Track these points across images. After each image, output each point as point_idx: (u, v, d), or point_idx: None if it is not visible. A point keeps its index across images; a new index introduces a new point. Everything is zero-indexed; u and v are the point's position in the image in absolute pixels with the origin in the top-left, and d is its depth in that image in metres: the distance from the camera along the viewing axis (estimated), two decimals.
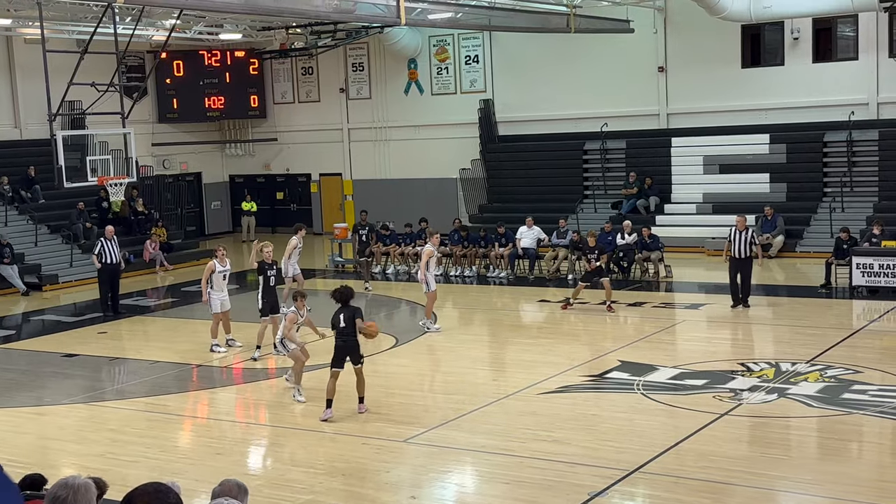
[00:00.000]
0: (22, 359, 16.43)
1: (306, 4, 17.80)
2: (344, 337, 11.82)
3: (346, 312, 11.82)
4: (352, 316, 11.80)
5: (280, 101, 32.17)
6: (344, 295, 11.91)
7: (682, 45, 25.58)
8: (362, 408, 11.97)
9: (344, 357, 11.87)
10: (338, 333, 11.83)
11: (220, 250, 16.31)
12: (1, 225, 24.15)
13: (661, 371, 13.31)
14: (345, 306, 11.86)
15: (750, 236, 17.36)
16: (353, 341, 11.86)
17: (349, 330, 11.78)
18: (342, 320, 11.77)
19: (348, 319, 11.77)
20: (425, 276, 16.50)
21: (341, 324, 11.77)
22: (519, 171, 27.48)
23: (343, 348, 11.85)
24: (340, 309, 11.86)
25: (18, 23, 23.95)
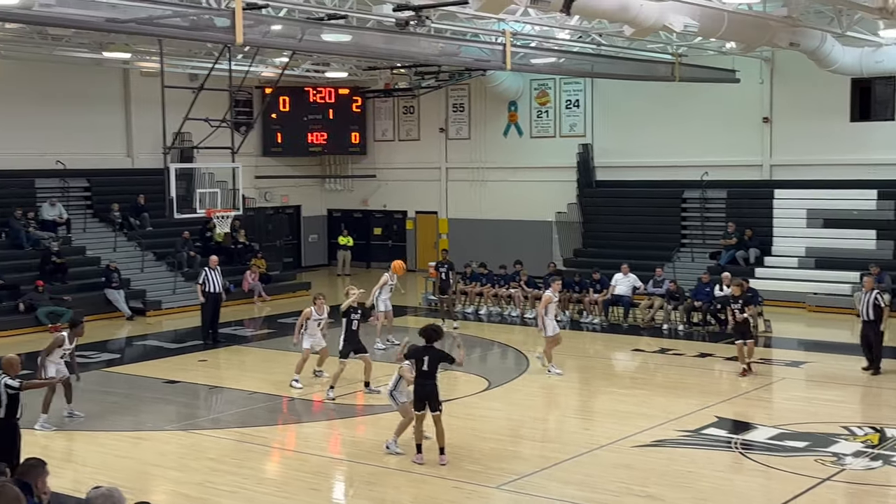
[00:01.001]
0: (124, 383, 16.90)
1: (414, 48, 18.09)
2: (424, 380, 11.53)
3: (432, 355, 11.53)
4: (437, 359, 11.53)
5: (380, 138, 32.71)
6: (432, 334, 11.68)
7: (788, 96, 25.22)
8: (443, 459, 11.60)
9: (424, 400, 11.58)
10: (419, 375, 11.56)
11: (320, 300, 16.20)
12: (109, 250, 25.02)
13: (760, 430, 13.03)
14: (430, 347, 11.61)
15: (874, 297, 16.70)
16: (433, 386, 11.57)
17: (432, 373, 11.52)
18: (426, 363, 11.51)
19: (432, 363, 11.50)
20: (543, 321, 16.61)
21: (424, 366, 11.51)
22: (615, 216, 27.35)
23: (422, 392, 11.56)
24: (426, 349, 11.58)
25: (136, 57, 24.91)
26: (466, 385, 16.30)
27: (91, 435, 13.54)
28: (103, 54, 23.59)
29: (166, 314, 23.74)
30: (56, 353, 13.63)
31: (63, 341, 13.66)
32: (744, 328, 16.61)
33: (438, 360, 11.59)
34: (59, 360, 13.69)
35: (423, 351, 11.62)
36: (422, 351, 11.62)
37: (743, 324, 16.60)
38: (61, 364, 13.74)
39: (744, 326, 16.61)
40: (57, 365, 13.66)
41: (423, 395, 11.59)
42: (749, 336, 16.63)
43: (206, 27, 14.94)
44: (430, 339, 11.67)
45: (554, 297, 17.10)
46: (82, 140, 26.58)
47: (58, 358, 13.66)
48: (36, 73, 25.39)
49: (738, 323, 16.61)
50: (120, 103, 27.94)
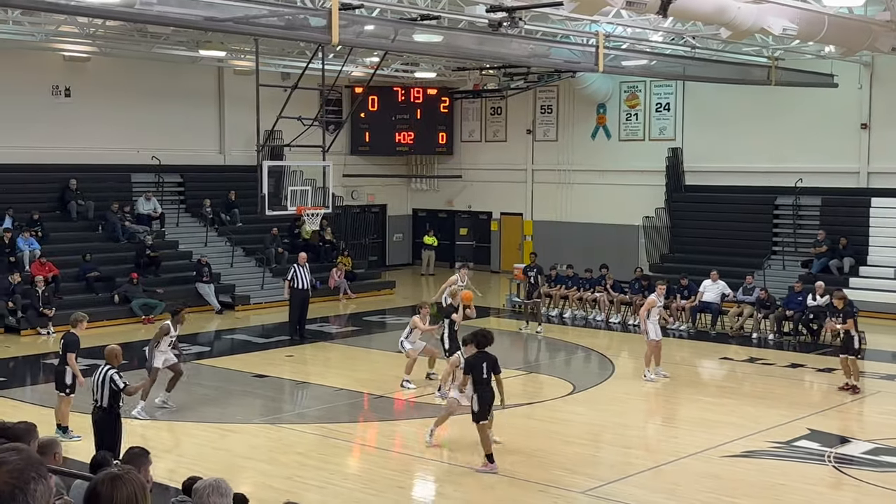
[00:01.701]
0: (213, 375, 17.23)
1: (505, 49, 18.02)
2: (486, 387, 11.31)
3: (489, 361, 11.35)
4: (493, 365, 11.38)
5: (467, 139, 32.75)
6: (485, 340, 11.51)
7: (888, 102, 24.49)
8: (493, 468, 11.31)
9: (489, 408, 11.36)
10: (480, 383, 11.26)
11: (426, 309, 15.92)
12: (201, 245, 25.56)
13: (855, 444, 12.71)
14: (485, 353, 11.41)
15: None
16: (492, 392, 11.44)
17: (489, 379, 11.32)
18: (485, 370, 11.29)
19: (490, 369, 11.33)
20: (646, 324, 16.59)
21: (484, 374, 11.28)
22: (704, 222, 26.92)
23: (489, 399, 11.34)
24: (483, 356, 11.36)
25: (231, 55, 25.39)
26: (551, 388, 16.24)
27: (182, 426, 13.85)
28: (199, 52, 24.09)
29: (254, 309, 24.14)
30: (164, 341, 14.10)
31: (169, 329, 14.17)
32: (847, 342, 15.90)
33: (494, 366, 11.41)
34: (166, 348, 14.17)
35: (480, 358, 11.40)
36: (478, 358, 11.41)
37: (846, 338, 15.90)
38: (168, 353, 14.22)
39: (847, 341, 15.90)
40: (164, 354, 14.13)
41: (489, 402, 11.41)
42: (852, 351, 15.83)
43: (301, 27, 15.15)
44: (483, 346, 11.52)
45: (659, 300, 16.98)
46: (177, 136, 27.20)
47: (165, 346, 14.14)
48: (133, 70, 26.07)
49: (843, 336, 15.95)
50: (214, 101, 28.52)
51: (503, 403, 11.72)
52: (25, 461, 2.54)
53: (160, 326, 14.51)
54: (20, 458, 2.55)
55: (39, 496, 2.52)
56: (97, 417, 10.77)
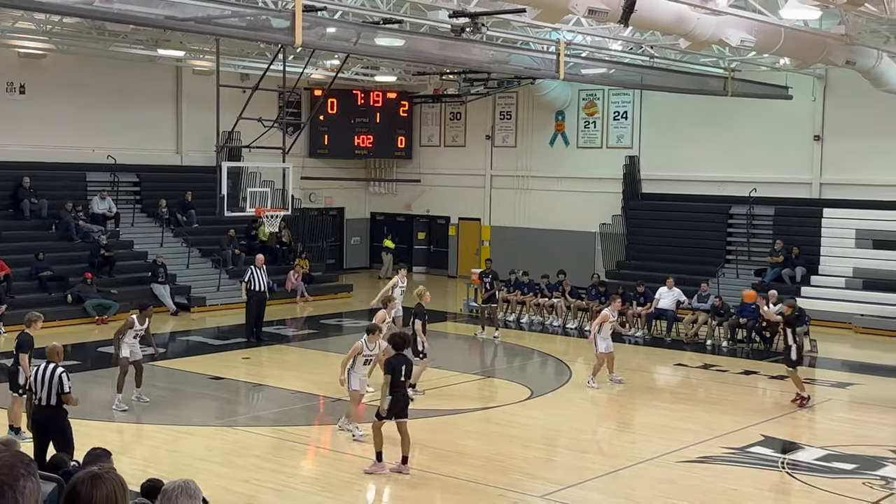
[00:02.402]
0: (168, 377, 17.06)
1: (467, 54, 18.11)
2: (402, 390, 11.37)
3: (408, 364, 11.44)
4: (411, 367, 11.51)
5: (426, 143, 32.79)
6: (403, 342, 11.62)
7: (841, 114, 24.95)
8: (406, 469, 11.39)
9: (405, 408, 11.42)
10: (398, 385, 11.30)
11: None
12: (157, 246, 25.30)
13: (807, 450, 12.90)
14: (402, 355, 11.49)
15: None
16: (406, 396, 11.51)
17: (405, 382, 11.42)
18: (403, 372, 11.35)
19: (408, 372, 11.43)
20: (595, 337, 16.54)
21: (402, 376, 11.35)
22: (660, 229, 27.19)
23: (403, 400, 11.41)
24: (403, 358, 11.45)
25: (189, 55, 25.19)
26: (508, 393, 16.31)
27: (136, 427, 13.72)
28: (158, 52, 23.87)
29: (210, 311, 23.95)
30: (128, 334, 14.33)
31: (133, 323, 14.36)
32: (785, 353, 15.76)
33: (411, 368, 11.61)
34: (132, 340, 14.39)
35: (399, 360, 11.43)
36: (398, 359, 11.43)
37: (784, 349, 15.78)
38: (135, 345, 14.48)
39: (785, 352, 15.76)
40: (131, 346, 14.37)
41: (404, 404, 11.46)
42: (788, 362, 15.57)
43: (263, 27, 15.09)
44: (402, 348, 11.59)
45: (612, 315, 16.93)
46: (133, 136, 26.91)
47: (130, 339, 14.36)
48: (90, 68, 25.74)
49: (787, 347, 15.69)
50: (172, 100, 28.26)
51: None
52: (14, 457, 2.51)
53: (126, 320, 14.67)
54: (9, 454, 2.52)
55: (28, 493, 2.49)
56: (40, 417, 10.47)
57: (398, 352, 11.55)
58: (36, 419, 10.55)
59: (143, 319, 14.46)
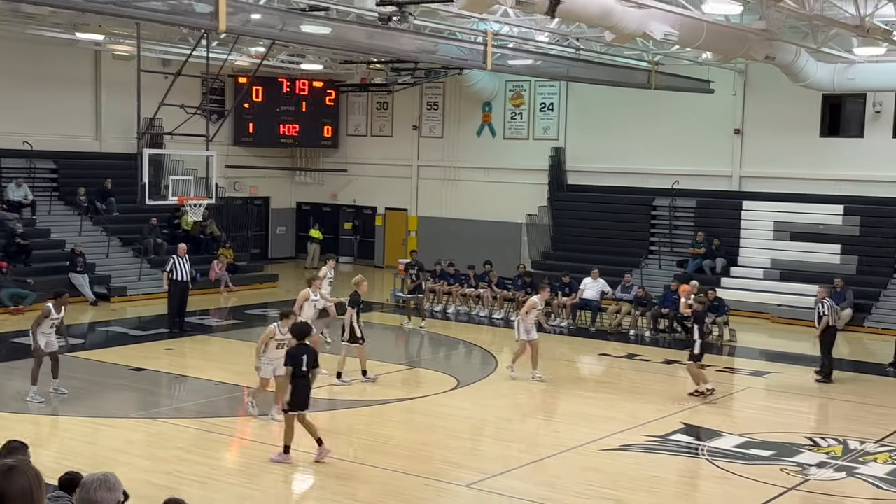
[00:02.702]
0: (87, 368, 16.68)
1: (394, 43, 18.02)
2: (303, 380, 11.28)
3: (310, 354, 11.33)
4: (314, 359, 11.38)
5: (353, 133, 32.59)
6: (301, 331, 11.58)
7: (760, 109, 25.50)
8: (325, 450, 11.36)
9: (306, 401, 11.31)
10: (299, 376, 11.20)
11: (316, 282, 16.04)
12: (75, 234, 24.69)
13: (726, 438, 13.15)
14: (304, 345, 11.41)
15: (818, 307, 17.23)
16: (309, 385, 11.44)
17: (308, 372, 11.30)
18: (304, 363, 11.25)
19: (310, 362, 11.29)
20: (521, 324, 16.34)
21: (303, 367, 11.25)
22: (585, 221, 27.48)
23: (307, 390, 11.32)
24: (304, 348, 11.36)
25: (109, 39, 24.59)
26: (434, 384, 16.31)
27: (54, 420, 13.40)
28: (76, 35, 23.25)
29: (131, 301, 23.48)
30: (45, 324, 13.94)
31: (49, 312, 13.97)
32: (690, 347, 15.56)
33: (316, 359, 11.46)
34: (48, 330, 14.01)
35: (300, 350, 11.37)
36: (298, 350, 11.37)
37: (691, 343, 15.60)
38: (51, 336, 14.09)
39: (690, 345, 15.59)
40: (47, 336, 13.99)
41: (306, 395, 11.36)
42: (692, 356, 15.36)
43: (186, 12, 14.79)
44: (302, 337, 11.54)
45: (540, 304, 16.78)
46: (50, 121, 26.20)
47: (47, 328, 13.99)
48: (5, 52, 24.95)
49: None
50: (90, 86, 27.57)
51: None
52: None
53: (42, 309, 14.29)
54: None
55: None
56: None
57: (299, 342, 11.47)
58: None
59: (59, 307, 14.11)
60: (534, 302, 16.71)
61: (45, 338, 13.98)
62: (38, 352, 13.89)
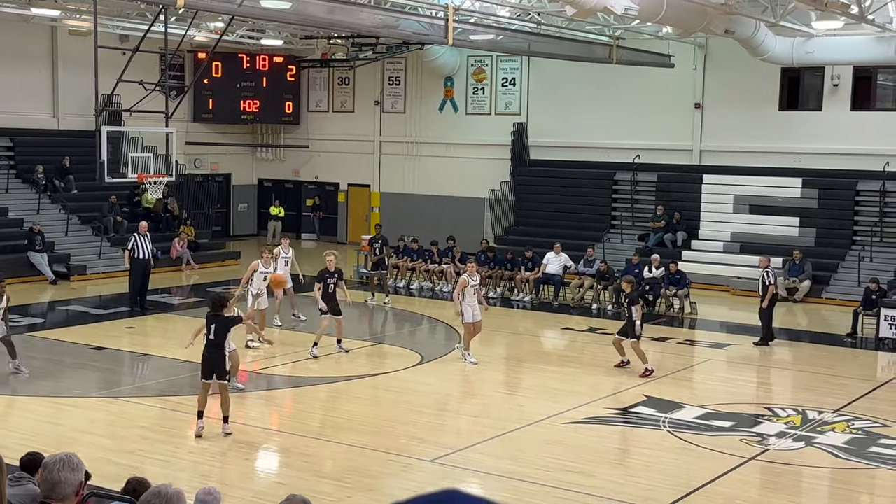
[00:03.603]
0: (47, 348, 16.55)
1: (355, 18, 17.92)
2: (211, 349, 11.55)
3: (218, 323, 11.55)
4: (223, 326, 11.57)
5: (314, 108, 32.38)
6: (217, 302, 11.77)
7: (720, 83, 25.66)
8: (226, 428, 11.52)
9: (211, 370, 11.58)
10: (207, 344, 11.58)
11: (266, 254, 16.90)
12: (33, 213, 24.38)
13: (687, 409, 13.32)
14: (216, 315, 11.61)
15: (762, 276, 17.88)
16: (220, 354, 11.62)
17: (218, 342, 11.54)
18: (213, 331, 11.53)
19: (219, 330, 11.54)
20: (459, 305, 15.90)
21: (211, 335, 11.54)
22: (548, 196, 27.54)
23: (209, 360, 11.58)
24: (212, 317, 11.59)
25: (65, 14, 24.20)
26: (398, 359, 16.34)
27: (16, 399, 13.28)
28: (31, 10, 22.85)
29: (91, 279, 23.26)
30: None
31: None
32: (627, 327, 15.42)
33: (225, 328, 11.62)
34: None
35: (209, 320, 11.63)
36: (210, 319, 11.64)
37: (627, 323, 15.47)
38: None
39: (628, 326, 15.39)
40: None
41: (212, 364, 11.57)
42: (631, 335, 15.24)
43: None
44: (217, 308, 11.73)
45: (470, 280, 16.00)
46: (6, 98, 25.76)
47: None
48: None
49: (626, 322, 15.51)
50: (47, 62, 27.14)
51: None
52: None
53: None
54: None
55: None
56: None
57: (213, 311, 11.67)
58: None
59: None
60: (464, 280, 16.01)
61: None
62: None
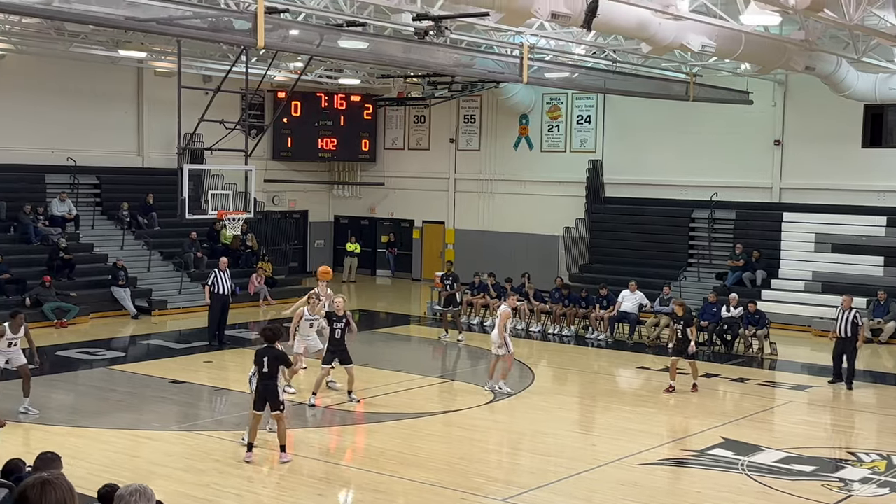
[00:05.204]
0: (128, 381, 16.88)
1: (431, 57, 18.09)
2: (265, 381, 11.79)
3: (270, 354, 11.79)
4: (276, 359, 11.80)
5: (390, 146, 32.75)
6: (270, 334, 11.97)
7: (801, 120, 25.25)
8: (283, 457, 11.85)
9: (264, 401, 11.83)
10: (260, 377, 11.82)
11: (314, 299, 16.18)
12: (117, 249, 25.02)
13: (767, 453, 13.00)
14: (270, 347, 11.87)
15: (853, 316, 17.15)
16: (274, 385, 11.84)
17: (272, 373, 11.77)
18: (266, 363, 11.75)
19: (272, 362, 11.76)
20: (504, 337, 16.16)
21: (264, 367, 11.75)
22: (623, 233, 27.35)
23: (263, 392, 11.82)
24: (266, 350, 11.86)
25: (151, 56, 24.96)
26: (471, 396, 16.29)
27: (94, 432, 13.53)
28: (119, 53, 23.62)
29: (171, 314, 23.74)
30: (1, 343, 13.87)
31: (4, 331, 13.91)
32: (681, 346, 16.61)
33: (278, 361, 11.85)
34: (6, 349, 13.94)
35: (263, 352, 11.87)
36: (261, 351, 11.89)
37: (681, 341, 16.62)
38: (13, 354, 14.01)
39: (682, 344, 16.59)
40: (7, 355, 13.96)
41: (266, 395, 11.82)
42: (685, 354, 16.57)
43: (225, 29, 14.97)
44: (270, 340, 11.96)
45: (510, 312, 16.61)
46: (93, 137, 26.62)
47: (6, 347, 13.91)
48: (50, 69, 25.43)
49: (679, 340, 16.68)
50: (133, 102, 27.98)
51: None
52: None
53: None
54: None
55: None
56: None
57: (268, 344, 11.91)
58: None
59: (15, 328, 13.98)
60: (507, 312, 16.47)
61: (5, 356, 13.90)
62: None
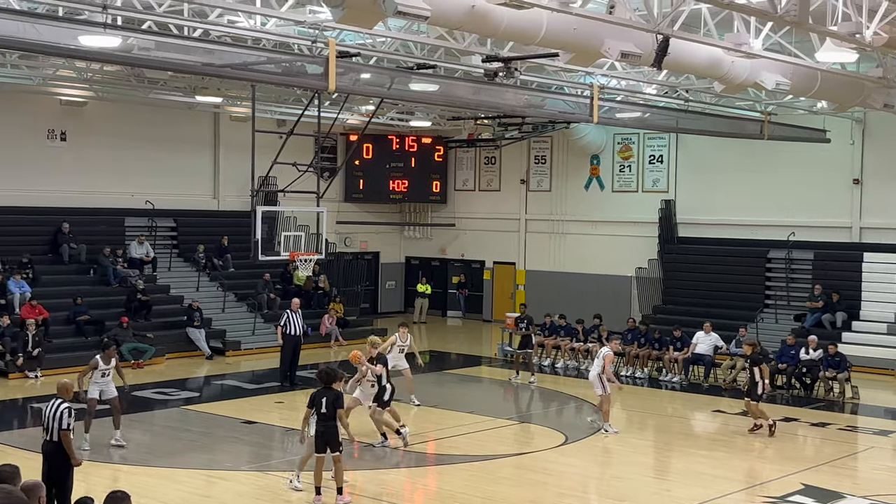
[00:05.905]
0: (201, 421, 17.05)
1: (500, 99, 18.18)
2: (325, 422, 11.75)
3: (329, 396, 11.74)
4: (334, 400, 11.74)
5: (461, 188, 32.86)
6: (328, 376, 11.90)
7: (880, 158, 24.67)
8: (340, 499, 11.81)
9: (325, 444, 11.77)
10: (319, 418, 11.78)
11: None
12: (193, 290, 25.45)
13: (850, 500, 12.56)
14: (327, 389, 11.82)
15: None
16: (334, 427, 11.78)
17: (331, 415, 11.71)
18: (324, 405, 11.70)
19: (330, 404, 11.70)
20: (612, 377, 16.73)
21: (323, 409, 11.71)
22: (697, 273, 26.93)
23: (324, 434, 11.77)
24: (323, 391, 11.82)
25: (227, 101, 25.50)
26: (543, 439, 16.11)
27: (169, 472, 13.66)
28: (196, 98, 24.19)
29: (245, 355, 23.98)
30: (94, 374, 14.32)
31: (97, 364, 14.35)
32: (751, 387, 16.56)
33: (337, 401, 11.80)
34: (100, 379, 14.37)
35: (321, 393, 11.82)
36: (319, 393, 11.85)
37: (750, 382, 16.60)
38: (106, 385, 14.44)
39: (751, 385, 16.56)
40: (101, 386, 14.39)
41: (326, 438, 11.77)
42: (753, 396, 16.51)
43: (298, 73, 15.26)
44: (328, 382, 11.89)
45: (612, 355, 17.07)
46: (171, 181, 27.23)
47: (100, 378, 14.35)
48: (129, 115, 26.14)
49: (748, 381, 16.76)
50: (209, 146, 28.59)
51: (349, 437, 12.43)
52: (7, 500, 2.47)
53: (90, 361, 14.56)
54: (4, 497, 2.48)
55: None
56: (47, 450, 10.45)
57: (326, 386, 11.87)
58: (44, 452, 10.49)
59: (107, 360, 14.43)
60: (611, 356, 16.84)
61: (99, 387, 14.34)
62: (90, 403, 14.25)
